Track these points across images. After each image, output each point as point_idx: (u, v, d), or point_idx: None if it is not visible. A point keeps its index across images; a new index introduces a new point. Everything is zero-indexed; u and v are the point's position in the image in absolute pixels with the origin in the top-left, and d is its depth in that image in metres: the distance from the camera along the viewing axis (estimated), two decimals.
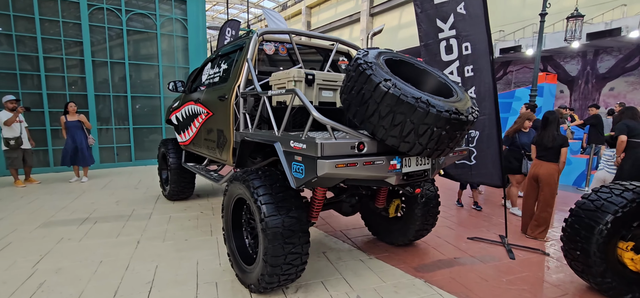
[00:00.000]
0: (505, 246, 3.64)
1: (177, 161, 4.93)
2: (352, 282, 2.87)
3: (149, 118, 8.49)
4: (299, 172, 2.25)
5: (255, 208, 2.40)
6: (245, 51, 3.19)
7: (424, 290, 2.77)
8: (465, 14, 3.54)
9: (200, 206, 4.97)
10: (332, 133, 2.18)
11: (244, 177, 2.57)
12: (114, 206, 4.94)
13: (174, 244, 3.58)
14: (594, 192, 2.73)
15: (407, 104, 2.03)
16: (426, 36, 3.73)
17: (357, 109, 2.24)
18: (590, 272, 2.58)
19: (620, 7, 13.96)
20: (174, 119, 4.96)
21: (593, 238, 2.54)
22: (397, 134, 2.12)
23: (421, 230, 3.41)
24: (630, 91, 14.64)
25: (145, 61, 8.36)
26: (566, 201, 5.61)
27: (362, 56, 2.31)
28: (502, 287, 2.83)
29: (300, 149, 2.22)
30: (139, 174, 7.37)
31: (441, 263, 3.26)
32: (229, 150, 3.25)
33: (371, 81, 2.13)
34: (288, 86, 2.77)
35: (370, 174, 2.24)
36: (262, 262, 2.39)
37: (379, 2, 27.89)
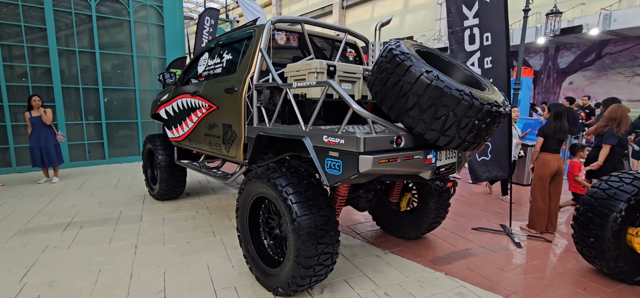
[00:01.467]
0: (509, 235, 3.74)
1: (167, 158, 4.61)
2: (375, 278, 2.82)
3: (123, 112, 7.92)
4: (335, 169, 2.14)
5: (284, 207, 2.27)
6: (256, 39, 3.00)
7: (447, 283, 2.77)
8: (489, 3, 3.54)
9: (193, 206, 4.70)
10: (372, 127, 2.09)
11: (267, 175, 2.42)
12: (97, 208, 4.55)
13: (176, 248, 3.34)
14: (604, 181, 2.85)
15: (451, 96, 1.98)
16: (454, 22, 3.69)
17: (394, 102, 2.16)
18: (604, 257, 2.70)
19: (580, 5, 14.91)
20: (163, 114, 4.63)
21: (608, 225, 2.65)
22: (438, 128, 2.07)
23: (434, 222, 3.42)
24: (587, 84, 15.75)
25: (118, 51, 7.77)
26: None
27: (396, 46, 2.23)
28: (520, 276, 2.90)
29: (336, 145, 2.11)
30: (115, 172, 6.87)
31: (455, 255, 3.29)
32: (239, 146, 3.06)
33: (411, 72, 2.06)
34: (309, 78, 2.63)
35: (408, 169, 2.17)
36: (294, 263, 2.26)
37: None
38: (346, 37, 3.58)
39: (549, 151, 3.85)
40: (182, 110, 4.11)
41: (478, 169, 3.86)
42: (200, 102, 3.64)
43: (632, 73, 14.68)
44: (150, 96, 8.21)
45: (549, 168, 3.80)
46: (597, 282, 2.79)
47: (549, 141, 3.84)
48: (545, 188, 3.82)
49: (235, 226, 3.92)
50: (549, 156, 3.83)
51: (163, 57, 8.32)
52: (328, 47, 3.66)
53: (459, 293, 2.62)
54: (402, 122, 2.18)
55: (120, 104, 7.89)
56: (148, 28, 8.05)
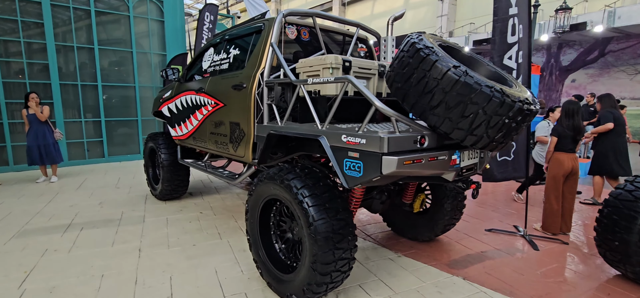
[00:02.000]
0: (524, 237, 3.64)
1: (170, 157, 4.48)
2: (391, 283, 2.70)
3: (122, 109, 7.77)
4: (355, 170, 2.02)
5: (300, 211, 2.14)
6: (266, 33, 2.87)
7: (466, 288, 2.66)
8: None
9: (196, 206, 4.57)
10: (396, 126, 1.96)
11: (280, 176, 2.29)
12: (97, 209, 4.41)
13: (182, 251, 3.21)
14: (629, 183, 2.74)
15: (481, 93, 1.86)
16: (500, 10, 3.47)
17: (418, 100, 2.04)
18: (630, 261, 2.60)
19: (582, 2, 14.81)
20: (166, 111, 4.49)
21: (634, 229, 2.54)
22: (466, 127, 1.95)
23: (449, 224, 3.31)
24: (590, 82, 15.68)
25: (117, 47, 7.60)
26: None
27: (419, 40, 2.10)
28: (540, 281, 2.79)
29: (356, 145, 1.99)
30: (115, 171, 6.72)
31: (471, 258, 3.18)
32: (248, 145, 2.93)
33: (437, 67, 1.93)
34: (323, 74, 2.51)
35: (433, 171, 2.06)
36: (310, 269, 2.14)
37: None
38: (358, 32, 3.45)
39: (564, 151, 3.74)
40: (185, 108, 3.97)
41: (496, 169, 3.73)
42: (205, 99, 3.50)
43: (634, 71, 14.60)
44: (151, 93, 8.06)
45: (562, 168, 3.70)
46: (621, 287, 2.69)
47: (563, 140, 3.74)
48: (558, 188, 3.72)
49: (241, 228, 3.80)
50: (563, 155, 3.73)
51: (163, 53, 8.16)
52: (339, 42, 3.53)
53: None
54: (426, 120, 2.06)
55: (119, 101, 7.73)
56: (148, 24, 7.89)
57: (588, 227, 4.05)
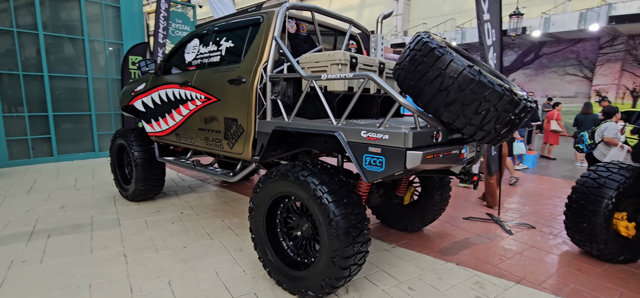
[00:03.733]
0: (498, 223, 3.97)
1: (144, 155, 4.17)
2: (393, 273, 2.81)
3: (73, 103, 7.04)
4: (376, 165, 2.06)
5: (318, 207, 2.15)
6: (267, 26, 2.79)
7: (461, 273, 2.85)
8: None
9: (175, 206, 4.32)
10: (417, 122, 2.04)
11: (295, 173, 2.27)
12: (60, 213, 3.99)
13: (173, 254, 3.04)
14: (593, 171, 3.12)
15: (494, 91, 2.00)
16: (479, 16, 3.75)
17: (432, 97, 2.13)
18: (596, 240, 2.97)
19: (522, 9, 16.31)
20: (140, 106, 4.17)
21: (600, 211, 2.91)
22: (477, 123, 2.09)
23: (436, 214, 3.51)
24: (527, 82, 17.36)
25: (66, 33, 6.86)
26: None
27: (430, 39, 2.20)
28: (522, 262, 3.08)
29: (378, 141, 2.03)
30: (69, 171, 6.10)
31: (459, 245, 3.40)
32: (248, 142, 2.84)
33: (453, 66, 2.04)
34: (331, 70, 2.51)
35: (447, 164, 2.17)
36: (329, 264, 2.15)
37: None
38: (350, 29, 3.49)
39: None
40: (166, 102, 3.73)
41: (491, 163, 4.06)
42: (193, 93, 3.32)
43: (564, 72, 16.44)
44: (105, 85, 7.41)
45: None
46: (588, 263, 3.06)
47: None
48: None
49: (230, 227, 3.68)
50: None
51: (120, 42, 7.53)
52: (331, 38, 3.54)
53: (476, 282, 2.71)
54: (439, 116, 2.16)
55: (70, 94, 7.00)
56: (101, 9, 7.21)
57: (548, 213, 4.53)
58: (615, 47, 14.93)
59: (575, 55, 16.04)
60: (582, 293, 2.60)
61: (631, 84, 14.70)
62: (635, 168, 3.01)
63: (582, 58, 15.85)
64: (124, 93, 4.54)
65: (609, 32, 13.83)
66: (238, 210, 4.24)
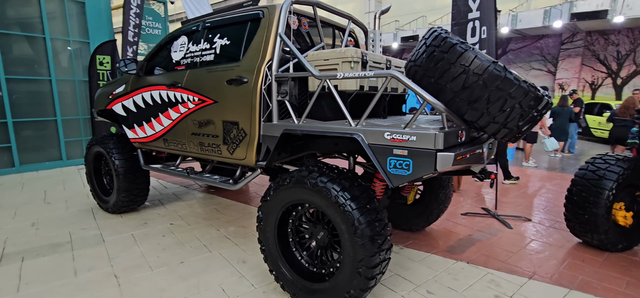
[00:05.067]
0: (496, 217, 4.01)
1: (127, 163, 3.84)
2: (408, 277, 2.73)
3: (36, 108, 6.43)
4: (403, 168, 1.95)
5: (341, 215, 2.01)
6: (270, 22, 2.60)
7: (474, 272, 2.82)
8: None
9: (162, 217, 4.02)
10: (445, 122, 1.95)
11: (312, 180, 2.11)
12: (32, 231, 3.58)
13: (169, 271, 2.79)
14: (591, 163, 3.20)
15: (520, 88, 1.95)
16: (458, 15, 3.74)
17: (455, 95, 2.05)
18: (597, 231, 3.04)
19: None
20: (120, 110, 3.82)
21: (601, 203, 2.98)
22: (501, 120, 2.03)
23: (441, 212, 3.48)
24: None
25: (24, 31, 6.23)
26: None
27: (450, 36, 2.12)
28: (531, 256, 3.10)
29: (405, 142, 1.93)
30: (35, 183, 5.55)
31: (464, 242, 3.39)
32: (252, 146, 2.65)
33: (477, 63, 1.97)
34: (342, 68, 2.38)
35: (472, 164, 2.10)
36: (354, 274, 2.03)
37: None
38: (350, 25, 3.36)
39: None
40: (151, 105, 3.43)
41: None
42: (184, 95, 3.07)
43: (529, 67, 17.24)
44: (72, 87, 6.83)
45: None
46: (589, 253, 3.14)
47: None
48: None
49: (227, 237, 3.45)
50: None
51: (85, 41, 6.97)
52: (329, 34, 3.40)
53: (490, 280, 2.69)
54: (462, 115, 2.08)
55: (31, 98, 6.37)
56: (64, 4, 6.62)
57: (538, 204, 4.65)
58: (575, 43, 15.86)
59: (539, 51, 16.88)
60: (592, 284, 2.64)
61: (590, 78, 15.67)
62: (630, 159, 3.11)
63: (546, 54, 16.71)
64: (100, 96, 4.15)
65: (570, 28, 14.65)
66: (232, 218, 4.01)
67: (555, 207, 4.48)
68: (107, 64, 6.67)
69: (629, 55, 14.64)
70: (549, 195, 5.12)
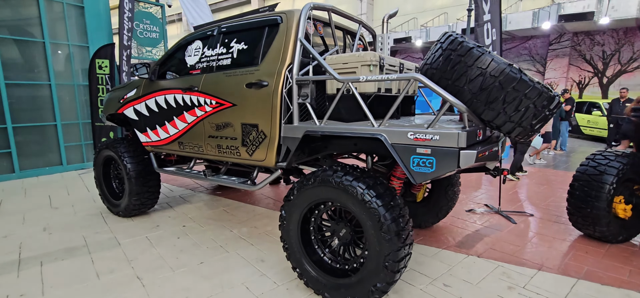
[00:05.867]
0: (499, 213, 4.16)
1: (138, 166, 3.86)
2: (423, 271, 2.84)
3: (35, 113, 6.36)
4: (426, 166, 2.06)
5: (367, 212, 2.10)
6: (288, 27, 2.69)
7: (485, 265, 2.94)
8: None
9: (173, 220, 4.05)
10: (466, 121, 2.06)
11: (337, 179, 2.20)
12: (45, 236, 3.58)
13: (191, 271, 2.84)
14: (591, 160, 3.36)
15: (534, 89, 2.07)
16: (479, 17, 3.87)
17: (473, 96, 2.16)
18: (599, 223, 3.20)
19: None
20: (131, 113, 3.85)
21: (603, 197, 3.13)
22: (517, 120, 2.15)
23: (449, 208, 3.60)
24: None
25: (23, 36, 6.17)
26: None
27: (466, 40, 2.24)
28: (538, 249, 3.24)
29: (428, 142, 2.03)
30: (38, 189, 5.50)
31: (472, 237, 3.51)
32: (272, 148, 2.73)
33: (494, 65, 2.09)
34: (361, 71, 2.48)
35: (490, 161, 2.22)
36: (381, 269, 2.12)
37: None
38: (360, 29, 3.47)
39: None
40: (165, 109, 3.48)
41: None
42: (200, 98, 3.12)
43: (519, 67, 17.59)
44: (71, 92, 6.78)
45: None
46: (592, 245, 3.30)
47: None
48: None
49: (242, 238, 3.51)
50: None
51: (85, 45, 6.93)
52: (340, 38, 3.49)
53: (502, 273, 2.81)
54: (479, 115, 2.19)
55: (31, 103, 6.31)
56: (63, 8, 6.58)
57: (538, 201, 4.82)
58: (562, 44, 16.29)
59: (528, 51, 17.28)
60: (597, 274, 2.79)
61: (577, 77, 16.11)
62: (628, 155, 3.28)
63: (534, 54, 17.12)
64: (110, 100, 4.17)
65: (558, 29, 15.06)
66: (242, 219, 4.07)
67: (554, 202, 4.66)
68: (106, 68, 6.64)
69: (614, 55, 15.11)
70: (545, 190, 5.30)
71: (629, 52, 14.72)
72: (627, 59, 14.82)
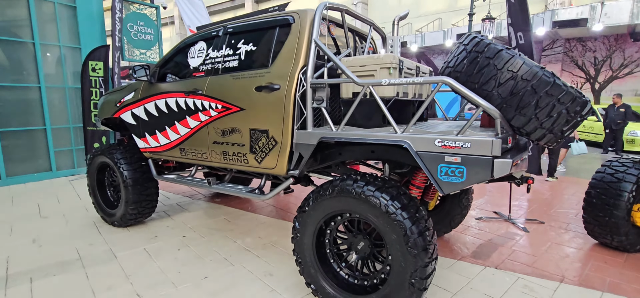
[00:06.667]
0: (510, 221, 4.06)
1: (136, 174, 3.66)
2: (442, 284, 2.70)
3: (23, 117, 6.08)
4: (456, 176, 1.92)
5: (391, 225, 1.96)
6: (301, 27, 2.54)
7: (506, 278, 2.82)
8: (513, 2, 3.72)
9: (171, 230, 3.85)
10: (499, 129, 1.93)
11: (358, 189, 2.06)
12: (34, 249, 3.35)
13: (196, 287, 2.65)
14: (608, 167, 3.27)
15: (568, 93, 1.96)
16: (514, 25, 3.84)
17: (503, 100, 2.04)
18: (618, 232, 3.10)
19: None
20: (129, 118, 3.65)
21: (622, 205, 3.04)
22: (548, 126, 2.04)
23: (463, 217, 3.48)
24: None
25: (11, 36, 5.91)
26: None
27: (493, 42, 2.12)
28: (553, 259, 3.13)
29: (458, 149, 1.90)
30: (26, 196, 5.23)
31: (486, 247, 3.39)
32: (283, 155, 2.57)
33: (526, 69, 1.97)
34: (380, 74, 2.35)
35: (520, 169, 2.10)
36: (409, 286, 1.97)
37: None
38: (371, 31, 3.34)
39: None
40: (166, 113, 3.29)
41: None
42: (205, 102, 2.95)
43: None
44: (62, 95, 6.52)
45: None
46: (609, 255, 3.20)
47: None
48: None
49: (247, 249, 3.33)
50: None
51: (77, 46, 6.68)
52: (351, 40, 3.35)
53: (523, 286, 2.69)
54: (509, 120, 2.07)
55: (19, 106, 6.03)
56: (55, 8, 6.33)
57: (546, 207, 4.74)
58: (555, 49, 16.49)
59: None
60: (621, 286, 2.69)
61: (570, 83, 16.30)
62: None
63: None
64: (105, 104, 3.96)
65: (551, 36, 15.23)
66: (245, 229, 3.88)
67: (562, 208, 4.58)
68: (100, 71, 6.40)
69: (606, 61, 15.34)
70: (552, 196, 5.23)
71: (620, 59, 14.97)
72: (618, 65, 15.07)
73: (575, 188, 5.83)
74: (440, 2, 20.23)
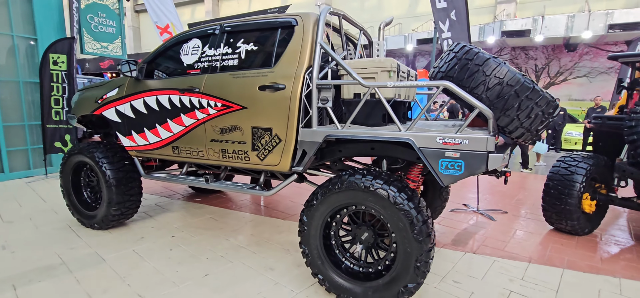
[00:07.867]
0: (479, 212, 4.48)
1: (119, 173, 3.52)
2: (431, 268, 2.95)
3: None
4: (455, 169, 2.16)
5: (398, 214, 2.15)
6: (305, 30, 2.65)
7: (483, 261, 3.15)
8: (455, 21, 4.09)
9: (156, 230, 3.76)
10: (492, 127, 2.20)
11: (366, 183, 2.23)
12: (6, 255, 3.11)
13: (198, 285, 2.66)
14: (562, 162, 3.77)
15: (544, 97, 2.29)
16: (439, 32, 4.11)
17: (490, 103, 2.32)
18: (571, 218, 3.59)
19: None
20: (113, 115, 3.51)
21: (574, 194, 3.53)
22: (527, 126, 2.36)
23: (443, 208, 3.80)
24: None
25: None
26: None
27: (481, 51, 2.40)
28: (522, 243, 3.55)
29: (457, 146, 2.14)
30: None
31: (462, 235, 3.74)
32: (288, 152, 2.66)
33: (510, 75, 2.27)
34: (380, 77, 2.54)
35: (504, 164, 2.39)
36: (415, 269, 2.18)
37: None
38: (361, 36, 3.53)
39: None
40: (157, 111, 3.23)
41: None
42: (202, 100, 2.95)
43: None
44: (16, 89, 5.98)
45: None
46: (564, 238, 3.69)
47: None
48: None
49: (242, 246, 3.37)
50: None
51: (33, 37, 6.16)
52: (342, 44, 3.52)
53: (500, 267, 3.04)
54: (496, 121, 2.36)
55: None
56: None
57: (506, 199, 5.27)
58: (503, 57, 18.00)
59: None
60: (577, 263, 3.14)
61: None
62: (592, 157, 3.73)
63: None
64: (82, 100, 3.75)
65: (500, 44, 16.63)
66: (235, 226, 3.90)
67: (520, 199, 5.13)
68: (63, 65, 5.96)
69: (544, 68, 17.07)
70: (509, 189, 5.82)
71: (556, 67, 16.73)
72: (554, 73, 16.84)
73: (528, 181, 6.51)
74: (400, 8, 21.11)
